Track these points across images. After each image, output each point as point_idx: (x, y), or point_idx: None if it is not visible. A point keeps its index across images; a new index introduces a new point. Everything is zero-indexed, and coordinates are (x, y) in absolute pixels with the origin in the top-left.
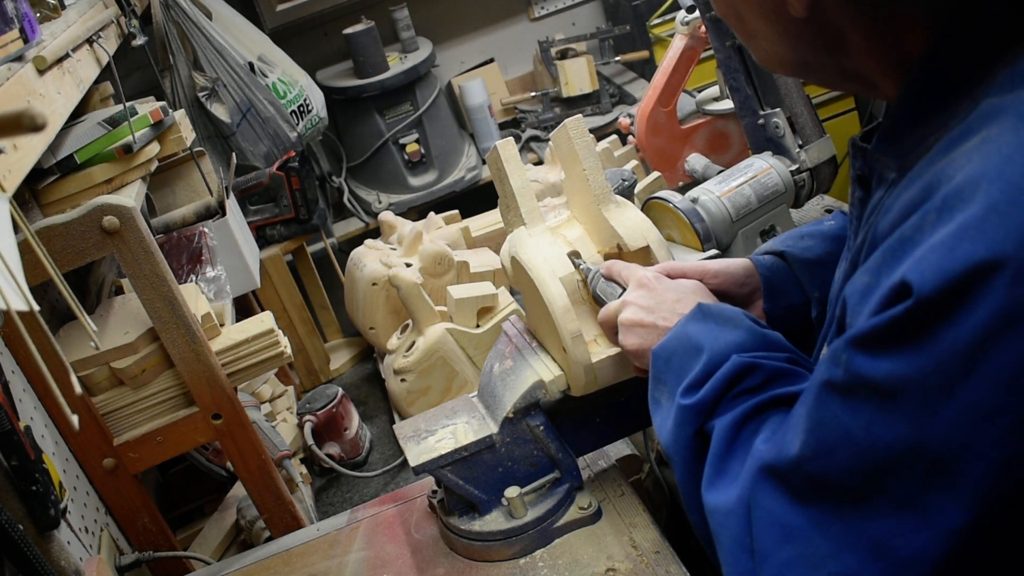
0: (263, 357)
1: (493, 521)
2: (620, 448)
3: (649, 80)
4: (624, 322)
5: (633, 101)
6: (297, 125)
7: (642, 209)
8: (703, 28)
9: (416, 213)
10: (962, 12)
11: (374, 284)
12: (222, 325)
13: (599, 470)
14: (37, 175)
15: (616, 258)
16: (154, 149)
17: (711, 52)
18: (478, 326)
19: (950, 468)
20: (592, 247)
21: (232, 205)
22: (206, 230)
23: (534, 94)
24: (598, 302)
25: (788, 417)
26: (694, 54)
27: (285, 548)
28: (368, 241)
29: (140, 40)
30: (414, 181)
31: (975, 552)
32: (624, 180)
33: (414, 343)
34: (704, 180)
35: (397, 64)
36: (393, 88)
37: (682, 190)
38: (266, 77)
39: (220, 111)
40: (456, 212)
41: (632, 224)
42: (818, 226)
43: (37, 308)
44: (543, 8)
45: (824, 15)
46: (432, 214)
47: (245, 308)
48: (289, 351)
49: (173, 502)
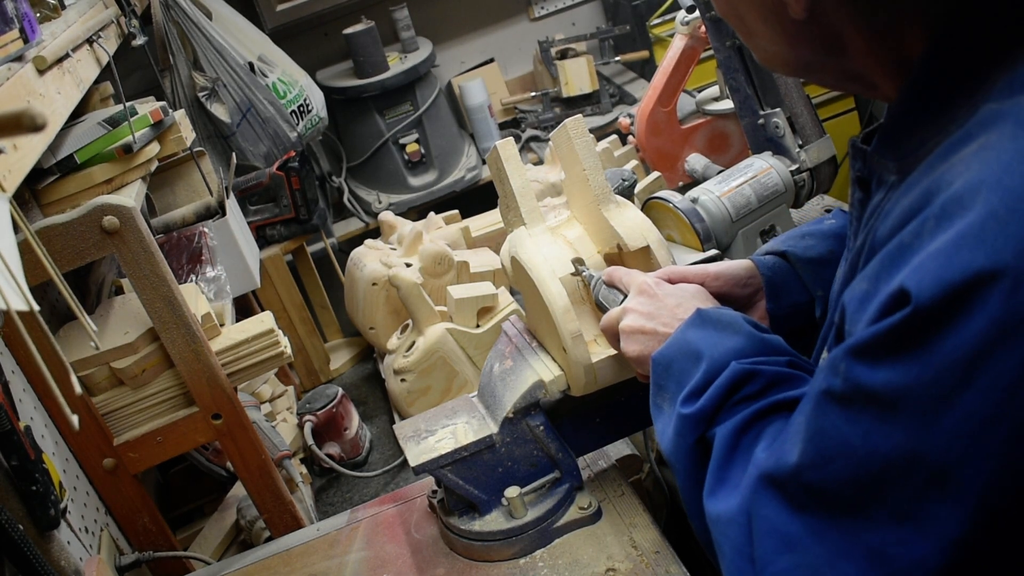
0: (263, 357)
1: (493, 521)
2: (620, 448)
3: (649, 80)
4: (625, 329)
5: (633, 101)
6: (297, 125)
7: (642, 209)
8: (703, 28)
9: (416, 213)
10: (961, 14)
11: (374, 284)
12: (222, 325)
13: (599, 470)
14: (37, 175)
15: (616, 258)
16: (154, 149)
17: (711, 52)
18: (478, 326)
19: (949, 478)
20: (592, 247)
21: (232, 205)
22: (206, 230)
23: (534, 94)
24: (600, 309)
25: (787, 425)
26: (694, 54)
27: (285, 548)
28: (368, 241)
29: (140, 40)
30: (414, 181)
31: (973, 562)
32: (624, 180)
33: (414, 343)
34: (704, 180)
35: (397, 64)
36: (393, 88)
37: (682, 190)
38: (266, 77)
39: (220, 111)
40: (456, 212)
41: (632, 224)
42: (818, 225)
43: (37, 308)
44: (543, 8)
45: (823, 16)
46: (432, 214)
47: (245, 308)
48: (289, 351)
49: (173, 502)
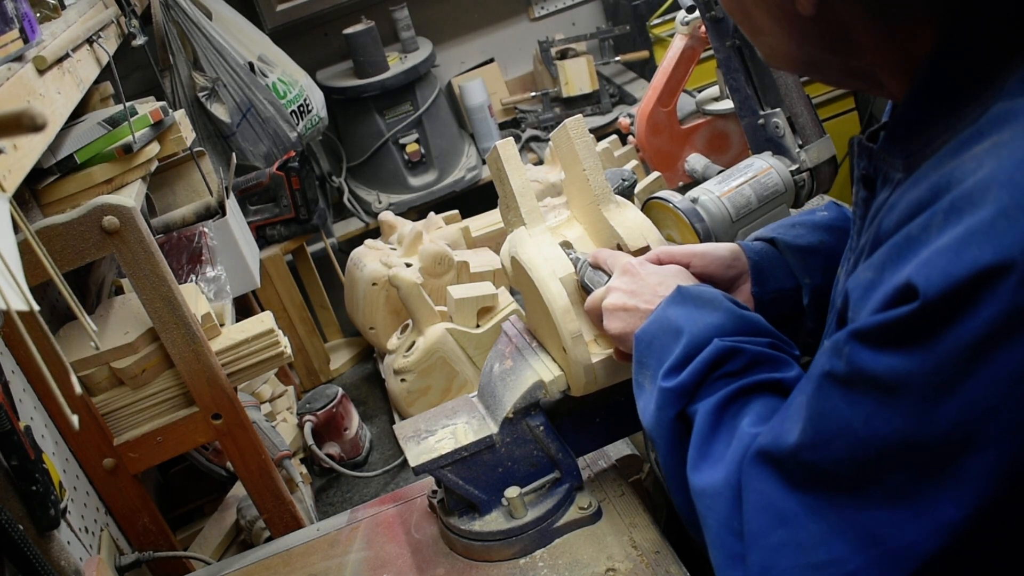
0: (263, 357)
1: (493, 521)
2: (620, 448)
3: (649, 80)
4: (608, 307)
5: (633, 101)
6: (297, 125)
7: (642, 209)
8: (703, 28)
9: (416, 213)
10: (972, 12)
11: (374, 284)
12: (222, 325)
13: (599, 470)
14: (37, 175)
15: None
16: (154, 149)
17: (711, 52)
18: (478, 326)
19: (947, 463)
20: (592, 247)
21: (232, 205)
22: (206, 230)
23: (534, 94)
24: (586, 290)
25: (786, 404)
26: (694, 54)
27: (285, 548)
28: (368, 241)
29: (140, 40)
30: (414, 181)
31: (966, 547)
32: (624, 180)
33: (414, 343)
34: (704, 180)
35: (397, 64)
36: (393, 88)
37: (682, 190)
38: (266, 77)
39: (220, 111)
40: (456, 212)
41: (632, 224)
42: (810, 216)
43: (37, 308)
44: (543, 8)
45: (832, 12)
46: (432, 214)
47: (245, 308)
48: (289, 351)
49: (173, 502)
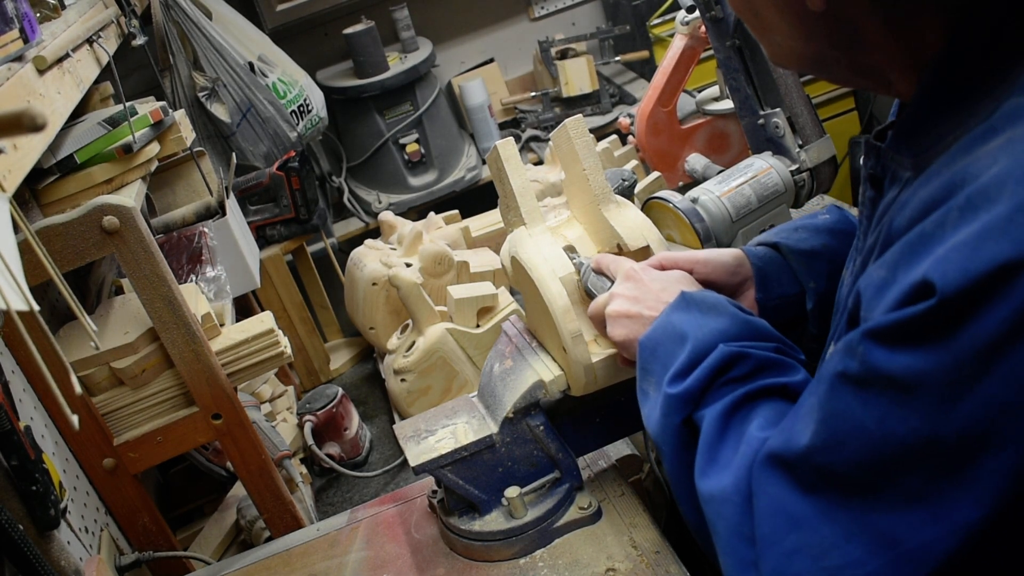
0: (263, 357)
1: (493, 521)
2: (620, 448)
3: (649, 80)
4: (611, 314)
5: (633, 101)
6: (297, 125)
7: (642, 209)
8: (703, 28)
9: (416, 213)
10: (982, 7)
11: (374, 284)
12: (222, 325)
13: (599, 470)
14: (37, 175)
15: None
16: (154, 149)
17: (711, 52)
18: (478, 326)
19: (964, 463)
20: (592, 247)
21: (232, 205)
22: (206, 230)
23: (534, 94)
24: (589, 295)
25: (796, 407)
26: (694, 54)
27: (285, 548)
28: (368, 241)
29: (140, 40)
30: (414, 181)
31: (981, 547)
32: (624, 180)
33: (414, 343)
34: (704, 180)
35: (397, 64)
36: (393, 88)
37: (682, 190)
38: (266, 77)
39: (220, 111)
40: (456, 212)
41: (632, 224)
42: (812, 219)
43: (37, 308)
44: (543, 8)
45: (841, 9)
46: (432, 214)
47: (245, 308)
48: (289, 351)
49: (173, 502)
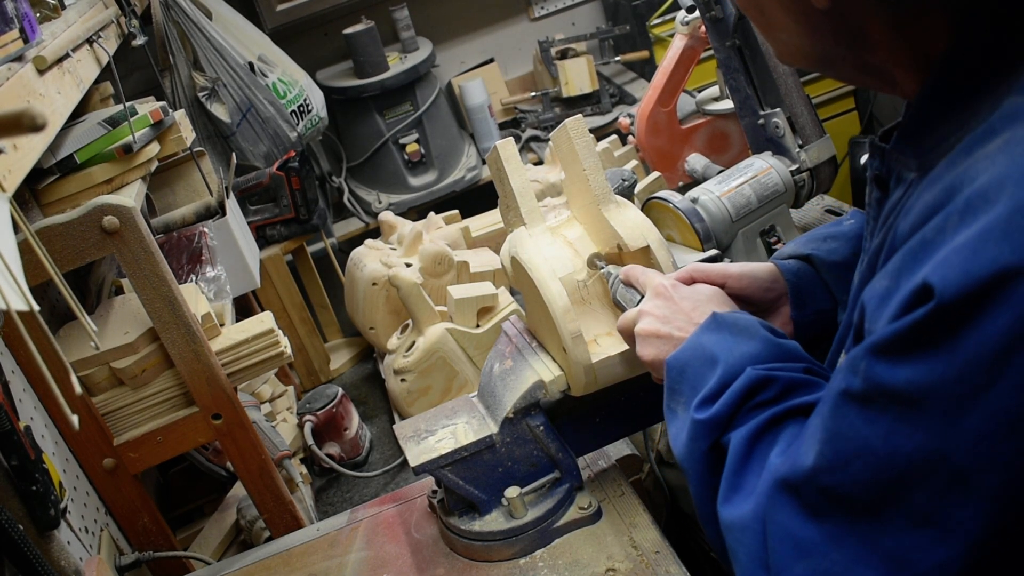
0: (263, 357)
1: (493, 521)
2: (620, 448)
3: (649, 80)
4: (640, 333)
5: (633, 101)
6: (297, 125)
7: (642, 209)
8: (703, 28)
9: (416, 213)
10: (986, 6)
11: (374, 284)
12: (222, 325)
13: (599, 470)
14: (37, 175)
15: (616, 258)
16: (154, 149)
17: (711, 52)
18: (478, 326)
19: (972, 478)
20: (592, 247)
21: (232, 205)
22: (206, 230)
23: (534, 94)
24: (618, 307)
25: (803, 428)
26: (694, 54)
27: (285, 548)
28: (368, 241)
29: (140, 40)
30: (414, 181)
31: (994, 564)
32: (624, 180)
33: (414, 343)
34: (704, 180)
35: (397, 64)
36: (393, 88)
37: (682, 190)
38: (266, 77)
39: (220, 111)
40: (456, 212)
41: (632, 224)
42: (838, 227)
43: (37, 308)
44: (543, 8)
45: (847, 8)
46: (432, 214)
47: (245, 308)
48: (289, 351)
49: (173, 502)
